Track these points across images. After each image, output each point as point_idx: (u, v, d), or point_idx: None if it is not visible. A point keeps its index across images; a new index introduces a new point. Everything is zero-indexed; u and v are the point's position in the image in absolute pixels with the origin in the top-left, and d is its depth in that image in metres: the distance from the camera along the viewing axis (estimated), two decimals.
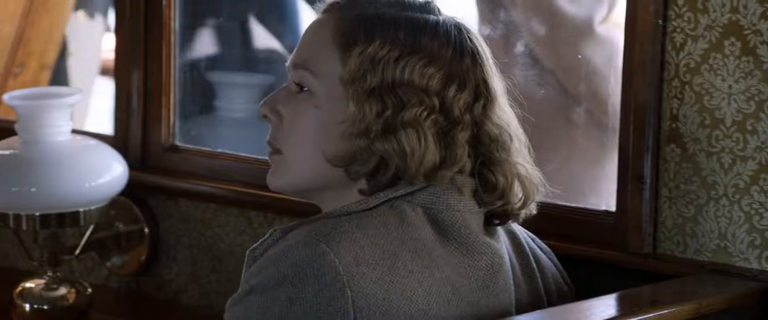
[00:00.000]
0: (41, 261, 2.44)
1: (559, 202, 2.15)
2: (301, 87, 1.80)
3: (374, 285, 1.67)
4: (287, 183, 1.82)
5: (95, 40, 3.91)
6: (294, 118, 1.79)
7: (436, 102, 1.75)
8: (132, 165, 2.49)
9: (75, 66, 3.75)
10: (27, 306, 2.41)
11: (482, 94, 1.79)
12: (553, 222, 2.13)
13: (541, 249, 1.93)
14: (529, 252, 1.87)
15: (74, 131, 2.42)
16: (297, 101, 1.79)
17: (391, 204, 1.75)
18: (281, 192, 1.85)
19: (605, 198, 2.57)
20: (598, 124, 2.62)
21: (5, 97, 2.38)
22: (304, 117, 1.78)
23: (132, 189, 2.47)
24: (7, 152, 2.37)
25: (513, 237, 1.87)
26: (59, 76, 3.53)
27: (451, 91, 1.76)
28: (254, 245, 1.76)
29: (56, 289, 2.41)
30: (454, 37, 1.79)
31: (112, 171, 2.40)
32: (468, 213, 1.78)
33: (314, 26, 1.82)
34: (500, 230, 1.84)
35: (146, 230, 2.53)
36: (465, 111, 1.77)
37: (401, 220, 1.73)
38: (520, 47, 2.63)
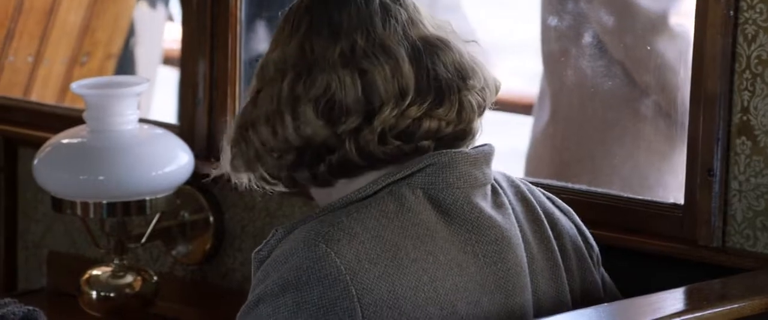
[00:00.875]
0: (108, 249, 2.46)
1: (627, 194, 2.13)
2: None
3: (378, 280, 1.67)
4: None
5: (158, 30, 3.93)
6: None
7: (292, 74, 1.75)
8: (197, 155, 2.50)
9: (139, 55, 3.78)
10: (93, 294, 2.43)
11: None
12: (620, 214, 2.11)
13: (560, 210, 1.89)
14: (544, 218, 1.84)
15: (141, 120, 2.43)
16: None
17: (390, 190, 1.73)
18: None
19: (672, 191, 2.56)
20: (666, 116, 2.60)
21: (73, 85, 2.40)
22: None
23: (197, 179, 2.49)
24: (75, 141, 2.39)
25: (526, 204, 1.83)
26: (124, 65, 3.56)
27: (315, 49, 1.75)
28: (259, 246, 1.77)
29: (123, 277, 2.43)
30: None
31: (178, 161, 2.41)
32: (469, 188, 1.75)
33: None
34: (510, 199, 1.81)
35: (211, 219, 2.54)
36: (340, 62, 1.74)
37: (401, 206, 1.72)
38: (587, 38, 2.62)
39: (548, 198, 1.88)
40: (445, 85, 1.75)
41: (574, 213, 1.90)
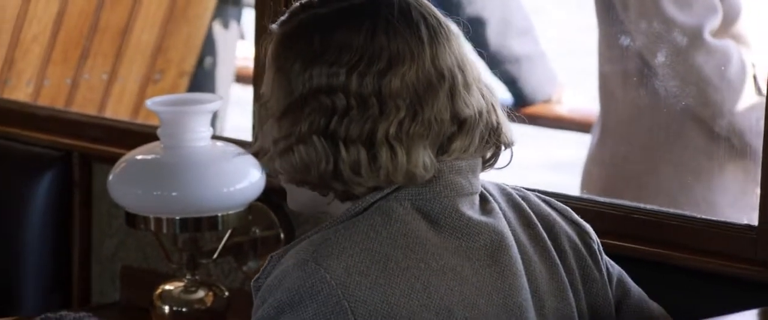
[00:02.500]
0: (180, 264, 2.48)
1: (700, 215, 2.12)
2: None
3: (370, 291, 1.69)
4: None
5: (230, 48, 3.97)
6: None
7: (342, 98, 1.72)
8: (269, 172, 2.51)
9: (212, 73, 3.81)
10: (166, 308, 2.45)
11: (403, 61, 1.72)
12: (692, 235, 2.10)
13: (556, 211, 1.87)
14: (537, 221, 1.83)
15: (214, 137, 2.46)
16: None
17: (378, 206, 1.75)
18: None
19: (720, 209, 2.55)
20: (710, 131, 2.59)
21: (148, 102, 2.42)
22: None
23: (269, 195, 2.50)
24: (149, 157, 2.42)
25: (518, 210, 1.83)
26: (196, 82, 3.59)
27: (354, 79, 1.72)
28: (257, 275, 1.79)
29: (194, 292, 2.45)
30: (370, 16, 1.73)
31: (250, 177, 2.43)
32: (456, 196, 1.76)
33: None
34: (500, 206, 1.81)
35: (282, 235, 2.56)
36: (376, 90, 1.71)
37: (388, 218, 1.73)
38: (661, 58, 2.62)
39: (544, 200, 1.88)
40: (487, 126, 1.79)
41: (570, 210, 1.88)
